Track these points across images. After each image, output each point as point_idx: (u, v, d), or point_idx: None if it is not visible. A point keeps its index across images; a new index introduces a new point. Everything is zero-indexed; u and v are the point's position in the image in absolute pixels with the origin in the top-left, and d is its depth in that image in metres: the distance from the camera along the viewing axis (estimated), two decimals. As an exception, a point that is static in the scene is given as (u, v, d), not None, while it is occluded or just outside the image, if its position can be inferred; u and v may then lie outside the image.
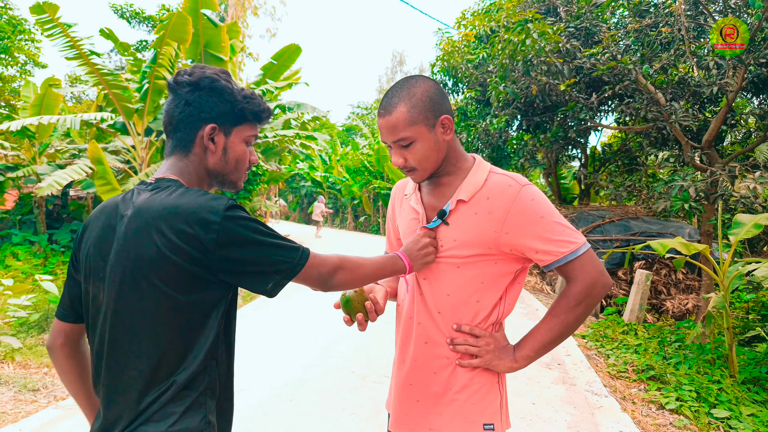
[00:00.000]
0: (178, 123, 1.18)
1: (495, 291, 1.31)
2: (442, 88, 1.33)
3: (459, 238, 1.30)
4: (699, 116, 6.66)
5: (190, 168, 1.19)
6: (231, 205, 1.07)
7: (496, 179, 1.30)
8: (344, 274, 1.21)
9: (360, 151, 23.72)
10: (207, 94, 1.17)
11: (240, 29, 9.98)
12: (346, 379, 4.12)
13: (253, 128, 1.25)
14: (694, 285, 7.10)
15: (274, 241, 1.09)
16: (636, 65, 5.95)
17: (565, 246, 1.23)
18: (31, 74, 15.99)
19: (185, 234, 1.02)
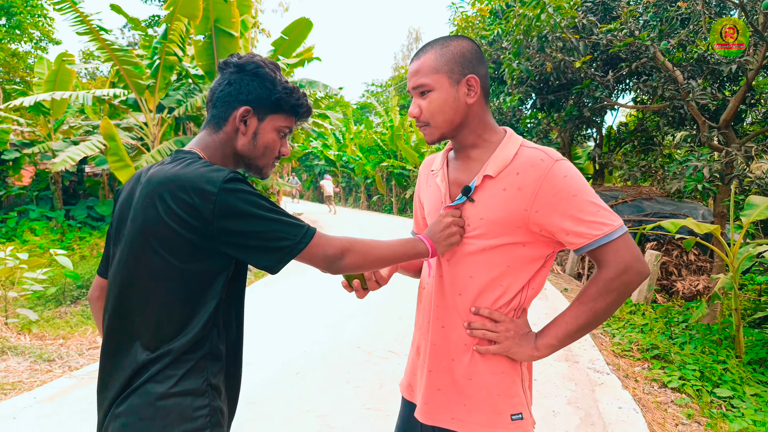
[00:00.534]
0: (216, 100, 1.22)
1: (522, 276, 1.23)
2: (481, 52, 1.26)
3: (486, 216, 1.21)
4: (717, 95, 6.50)
5: (216, 144, 1.22)
6: (231, 177, 1.07)
7: (527, 153, 1.20)
8: (353, 256, 1.17)
9: (373, 130, 23.60)
10: (249, 78, 1.21)
11: (252, 3, 9.90)
12: (352, 354, 4.19)
13: (289, 120, 1.27)
14: (705, 266, 7.03)
15: (275, 217, 1.09)
16: (654, 41, 5.80)
17: (599, 228, 1.12)
18: (45, 50, 16.11)
19: (184, 203, 1.05)
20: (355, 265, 1.18)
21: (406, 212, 20.65)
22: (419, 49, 1.27)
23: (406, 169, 19.86)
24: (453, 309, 1.28)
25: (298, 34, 9.78)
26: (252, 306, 5.82)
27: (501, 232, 1.20)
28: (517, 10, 6.70)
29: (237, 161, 1.26)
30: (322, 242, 1.13)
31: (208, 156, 1.21)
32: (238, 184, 1.08)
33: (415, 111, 1.25)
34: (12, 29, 15.27)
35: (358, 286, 1.36)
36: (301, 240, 1.10)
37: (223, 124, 1.22)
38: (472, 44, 1.25)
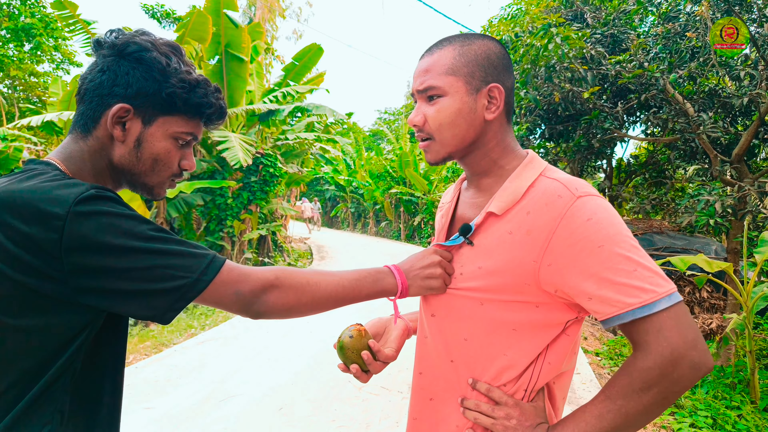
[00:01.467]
0: (85, 93, 0.90)
1: (532, 344, 0.94)
2: (510, 59, 1.00)
3: (485, 265, 0.95)
4: (729, 129, 6.37)
5: (84, 153, 0.90)
6: (89, 195, 0.76)
7: (543, 186, 0.92)
8: (280, 294, 0.88)
9: (383, 156, 23.67)
10: (130, 65, 0.89)
11: (263, 30, 10.04)
12: (341, 389, 4.01)
13: (191, 124, 0.95)
14: (719, 304, 6.77)
15: (160, 247, 0.79)
16: (663, 74, 5.71)
17: (634, 294, 0.81)
18: (67, 72, 16.51)
19: (16, 232, 0.73)
20: (285, 306, 0.89)
21: (414, 239, 20.49)
22: (434, 44, 1.01)
23: (415, 196, 19.79)
24: (444, 379, 1.01)
25: (309, 59, 9.89)
26: (239, 330, 5.67)
27: (504, 287, 0.93)
28: (525, 40, 6.67)
29: (116, 177, 0.94)
30: (234, 276, 0.84)
31: (72, 170, 0.89)
32: (98, 204, 0.76)
33: (418, 118, 0.98)
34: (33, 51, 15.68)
35: (357, 370, 1.05)
36: (201, 276, 0.81)
37: (92, 127, 0.90)
38: (500, 47, 0.99)
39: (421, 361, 1.06)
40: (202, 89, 0.94)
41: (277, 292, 0.88)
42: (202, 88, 0.94)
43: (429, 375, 1.04)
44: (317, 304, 0.92)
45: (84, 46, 7.13)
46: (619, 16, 6.80)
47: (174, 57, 0.93)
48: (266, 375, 4.26)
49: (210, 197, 9.27)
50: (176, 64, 0.92)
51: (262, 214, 10.39)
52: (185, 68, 0.94)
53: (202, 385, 4.09)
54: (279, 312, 0.89)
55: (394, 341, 1.11)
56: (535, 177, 0.95)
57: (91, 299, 0.77)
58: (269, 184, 9.91)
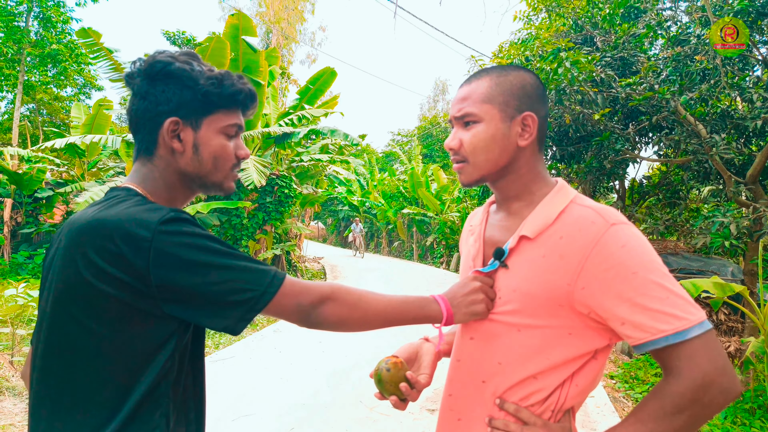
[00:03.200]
0: (137, 123, 0.98)
1: (563, 370, 0.98)
2: (544, 90, 1.06)
3: (520, 287, 0.99)
4: (743, 150, 6.35)
5: (155, 174, 0.99)
6: (171, 217, 0.86)
7: (576, 212, 0.97)
8: (336, 307, 0.95)
9: (396, 177, 23.81)
10: (162, 83, 0.96)
11: (279, 55, 10.30)
12: (353, 409, 4.03)
13: (232, 115, 1.02)
14: (737, 327, 6.66)
15: (232, 263, 0.87)
16: (674, 95, 5.74)
17: (667, 321, 0.84)
18: (89, 96, 17.02)
19: (109, 253, 0.83)
20: (338, 319, 0.96)
21: (426, 259, 20.46)
22: (472, 74, 1.08)
23: (427, 216, 19.81)
24: (474, 399, 1.04)
25: (323, 83, 10.10)
26: (258, 353, 5.71)
27: (539, 310, 0.96)
28: (534, 64, 6.77)
29: (188, 186, 1.03)
30: (296, 290, 0.93)
31: (149, 190, 0.98)
32: (180, 225, 0.86)
33: (454, 143, 1.05)
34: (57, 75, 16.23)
35: (396, 402, 1.09)
36: (266, 290, 0.89)
37: (153, 148, 0.98)
38: (535, 79, 1.05)
39: (453, 383, 1.09)
40: (229, 80, 1.01)
41: (332, 304, 0.95)
42: (229, 79, 1.01)
43: (459, 396, 1.07)
44: (368, 320, 0.98)
45: (108, 71, 7.41)
46: (628, 40, 6.87)
47: (194, 61, 1.00)
48: (279, 395, 4.29)
49: (226, 218, 9.42)
50: (198, 67, 0.99)
51: (277, 234, 10.51)
52: (206, 68, 1.01)
53: (215, 405, 4.13)
54: (333, 324, 0.96)
55: (428, 367, 1.15)
56: (566, 204, 0.99)
57: (175, 310, 0.87)
58: (284, 205, 10.04)
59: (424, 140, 31.70)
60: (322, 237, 34.28)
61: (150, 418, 0.86)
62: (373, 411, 3.98)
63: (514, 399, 0.99)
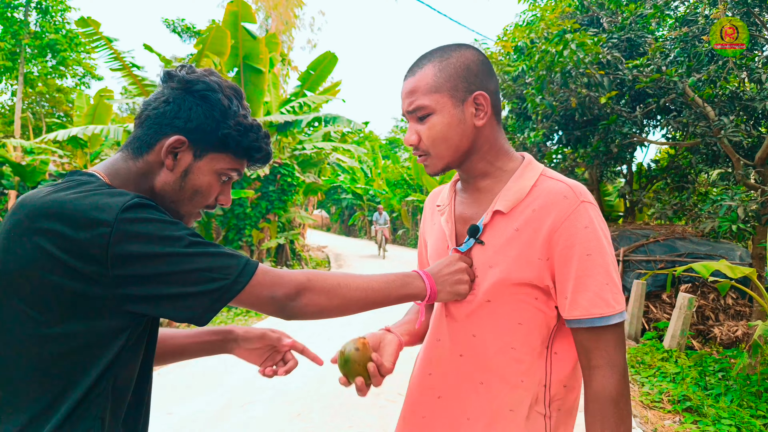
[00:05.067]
0: (146, 119, 0.94)
1: (536, 336, 1.00)
2: (489, 63, 1.03)
3: (495, 262, 1.00)
4: (752, 132, 6.25)
5: (129, 174, 0.93)
6: (135, 202, 0.80)
7: (547, 186, 0.99)
8: (312, 297, 0.91)
9: (400, 164, 23.75)
10: (194, 100, 0.93)
11: (279, 41, 10.21)
12: (357, 395, 4.03)
13: (237, 163, 0.98)
14: (744, 311, 6.62)
15: (200, 250, 0.82)
16: (682, 77, 5.64)
17: (600, 305, 0.92)
18: (88, 86, 16.97)
19: (64, 238, 0.76)
20: (317, 308, 0.92)
21: (431, 247, 20.48)
22: (413, 63, 1.05)
23: (432, 204, 19.79)
24: (453, 375, 1.06)
25: (324, 68, 10.02)
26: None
27: (512, 284, 0.98)
28: (540, 47, 6.66)
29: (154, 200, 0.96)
30: (269, 279, 0.88)
31: (115, 185, 0.90)
32: (144, 211, 0.80)
33: (413, 138, 1.03)
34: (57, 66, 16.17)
35: (361, 384, 1.06)
36: (237, 278, 0.84)
37: (145, 151, 0.93)
38: (477, 54, 1.03)
39: (431, 363, 1.10)
40: (255, 134, 0.98)
41: (309, 294, 0.91)
42: (255, 133, 0.98)
43: (438, 374, 1.08)
44: (347, 306, 0.95)
45: (107, 61, 7.36)
46: (635, 21, 6.75)
47: (236, 100, 0.97)
48: (285, 381, 4.29)
49: (229, 207, 9.39)
50: (236, 107, 0.96)
51: (281, 223, 10.50)
52: (243, 112, 0.98)
53: (222, 392, 4.14)
54: (311, 313, 0.92)
55: (391, 355, 1.11)
56: (536, 177, 1.02)
57: (134, 304, 0.80)
58: (287, 194, 10.02)
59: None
60: (325, 226, 34.32)
61: (85, 418, 0.80)
62: (379, 397, 3.98)
63: (494, 370, 1.01)
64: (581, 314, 0.93)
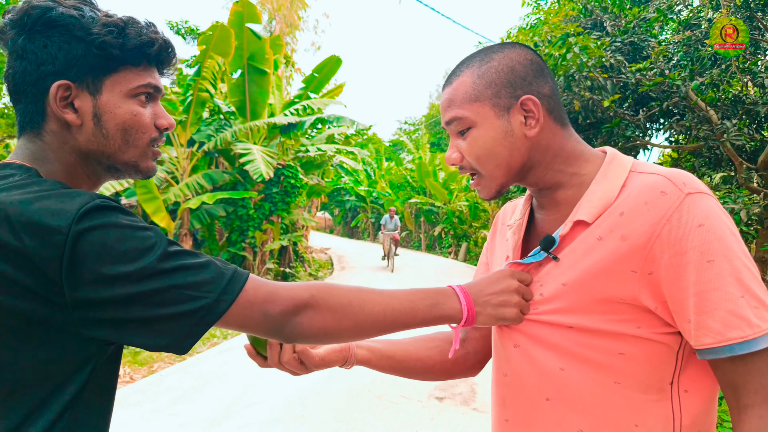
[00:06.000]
0: (15, 88, 0.75)
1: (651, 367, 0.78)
2: (541, 61, 0.88)
3: (571, 280, 0.81)
4: (755, 136, 6.25)
5: (47, 154, 0.76)
6: (95, 205, 0.65)
7: (639, 181, 0.79)
8: (316, 316, 0.74)
9: (403, 167, 23.77)
10: (44, 35, 0.73)
11: (283, 43, 10.26)
12: (361, 398, 4.04)
13: (143, 74, 0.78)
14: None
15: (175, 263, 0.67)
16: (685, 81, 5.65)
17: (738, 326, 0.69)
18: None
19: (8, 249, 0.62)
20: (321, 330, 0.75)
21: (434, 249, 20.46)
22: (452, 70, 0.91)
23: (435, 206, 19.78)
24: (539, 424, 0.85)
25: (329, 71, 10.07)
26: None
27: (593, 305, 0.78)
28: (543, 50, 6.68)
29: (92, 168, 0.80)
30: (261, 295, 0.71)
31: (46, 171, 0.75)
32: (104, 216, 0.65)
33: (454, 156, 0.88)
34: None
35: (251, 350, 0.91)
36: (221, 295, 0.68)
37: (41, 122, 0.75)
38: (525, 53, 0.87)
39: (505, 405, 0.90)
40: (133, 28, 0.77)
41: (311, 313, 0.74)
42: (134, 26, 0.77)
43: (519, 421, 0.88)
44: (361, 329, 0.78)
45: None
46: (639, 24, 6.76)
47: (85, 6, 0.76)
48: (287, 383, 4.31)
49: (232, 208, 9.44)
50: (91, 12, 0.76)
51: (284, 225, 10.53)
52: (102, 13, 0.77)
53: (225, 393, 4.16)
54: (315, 336, 0.76)
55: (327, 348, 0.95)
56: (625, 174, 0.82)
57: (97, 330, 0.66)
58: (290, 195, 10.05)
59: (432, 128, 31.55)
60: (329, 228, 34.34)
61: None
62: (381, 399, 3.99)
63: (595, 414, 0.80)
64: (715, 341, 0.70)
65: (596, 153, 0.90)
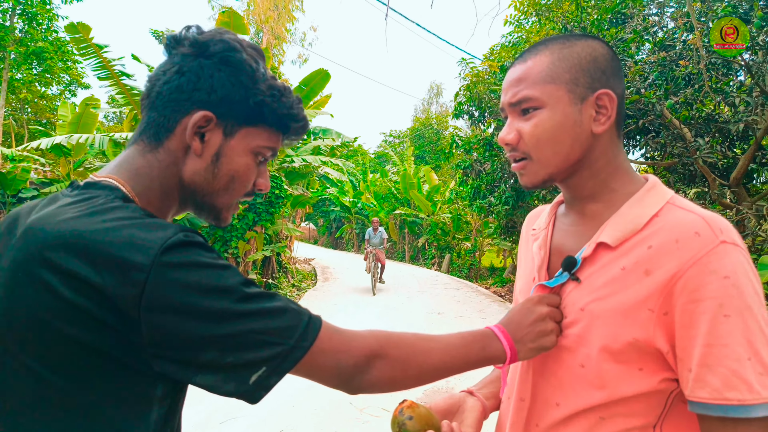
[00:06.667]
0: (157, 97, 0.75)
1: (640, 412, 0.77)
2: (619, 61, 0.84)
3: (588, 308, 0.79)
4: (727, 153, 6.46)
5: (152, 170, 0.75)
6: (179, 240, 0.63)
7: (675, 216, 0.75)
8: (385, 368, 0.74)
9: (388, 178, 23.89)
10: (215, 66, 0.75)
11: (270, 55, 10.31)
12: (342, 410, 4.04)
13: (273, 138, 0.81)
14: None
15: (254, 307, 0.65)
16: (660, 100, 5.83)
17: (738, 387, 0.66)
18: (74, 94, 16.88)
19: (84, 282, 0.59)
20: (389, 381, 0.74)
21: (418, 260, 20.52)
22: (526, 49, 0.86)
23: (419, 218, 19.87)
24: None
25: (316, 84, 10.12)
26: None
27: (606, 338, 0.76)
28: (524, 67, 6.84)
29: (183, 198, 0.80)
30: (335, 344, 0.71)
31: (139, 191, 0.74)
32: (188, 254, 0.63)
33: (511, 136, 0.83)
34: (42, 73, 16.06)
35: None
36: (299, 342, 0.67)
37: (164, 137, 0.76)
38: (607, 49, 0.83)
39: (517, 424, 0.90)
40: (288, 99, 0.80)
41: (381, 364, 0.73)
42: (288, 98, 0.80)
43: None
44: (423, 376, 0.77)
45: (95, 69, 7.35)
46: (616, 44, 6.96)
47: (261, 61, 0.80)
48: (267, 397, 4.30)
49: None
50: (263, 69, 0.79)
51: (267, 235, 10.50)
52: (270, 75, 0.81)
53: (203, 407, 4.12)
54: (382, 387, 0.75)
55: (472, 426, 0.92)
56: (661, 205, 0.78)
57: (170, 368, 0.64)
58: (274, 206, 10.03)
59: (416, 141, 31.80)
60: (313, 238, 34.23)
61: None
62: (363, 412, 4.00)
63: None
64: (711, 397, 0.67)
65: (637, 176, 0.86)
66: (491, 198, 9.94)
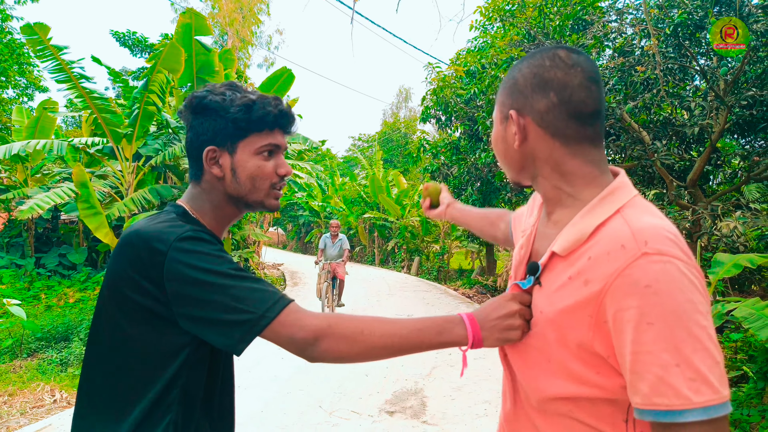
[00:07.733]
0: (188, 152, 1.10)
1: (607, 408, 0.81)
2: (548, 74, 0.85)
3: (545, 311, 0.85)
4: (684, 156, 6.71)
5: (202, 196, 1.09)
6: (187, 235, 0.93)
7: (612, 228, 0.78)
8: (331, 343, 0.91)
9: (357, 182, 23.85)
10: (201, 115, 1.06)
11: (235, 57, 10.16)
12: (312, 415, 4.00)
13: (266, 136, 1.07)
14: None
15: (236, 284, 0.91)
16: (620, 104, 6.02)
17: (665, 394, 0.67)
18: (31, 98, 16.24)
19: (139, 262, 0.92)
20: (337, 355, 0.92)
21: (387, 264, 20.54)
22: None
23: (388, 221, 19.92)
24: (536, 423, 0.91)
25: (281, 85, 10.00)
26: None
27: (559, 342, 0.82)
28: (490, 71, 6.95)
29: (235, 206, 1.10)
30: (290, 320, 0.91)
31: (197, 208, 1.08)
32: (192, 244, 0.92)
33: None
34: (-4, 77, 15.40)
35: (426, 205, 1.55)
36: (264, 313, 0.90)
37: (200, 174, 1.08)
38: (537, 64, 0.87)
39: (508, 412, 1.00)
40: (259, 104, 1.05)
41: (328, 340, 0.91)
42: (259, 104, 1.05)
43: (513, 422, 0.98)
44: (369, 353, 0.93)
45: (53, 72, 7.08)
46: (578, 50, 7.16)
47: (229, 91, 1.06)
48: (237, 404, 4.21)
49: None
50: (231, 95, 1.05)
51: (235, 241, 10.33)
52: (241, 95, 1.06)
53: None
54: (330, 360, 0.93)
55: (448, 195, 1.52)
56: (609, 214, 0.80)
57: (184, 323, 0.92)
58: (241, 211, 9.88)
59: (385, 146, 31.88)
60: (282, 243, 33.87)
61: (158, 423, 0.92)
62: (332, 415, 3.97)
63: None
64: (642, 402, 0.70)
65: (603, 179, 0.87)
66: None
